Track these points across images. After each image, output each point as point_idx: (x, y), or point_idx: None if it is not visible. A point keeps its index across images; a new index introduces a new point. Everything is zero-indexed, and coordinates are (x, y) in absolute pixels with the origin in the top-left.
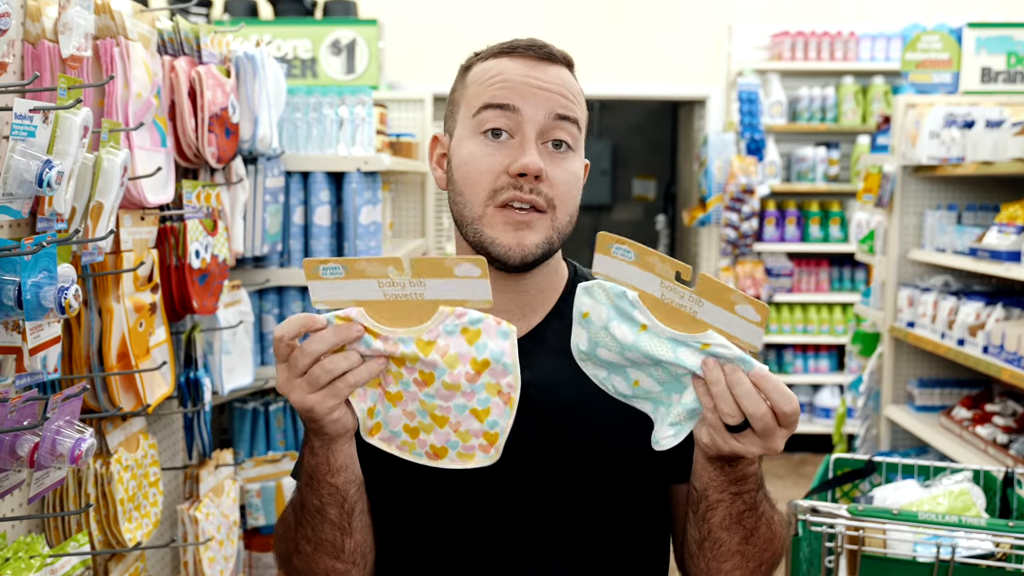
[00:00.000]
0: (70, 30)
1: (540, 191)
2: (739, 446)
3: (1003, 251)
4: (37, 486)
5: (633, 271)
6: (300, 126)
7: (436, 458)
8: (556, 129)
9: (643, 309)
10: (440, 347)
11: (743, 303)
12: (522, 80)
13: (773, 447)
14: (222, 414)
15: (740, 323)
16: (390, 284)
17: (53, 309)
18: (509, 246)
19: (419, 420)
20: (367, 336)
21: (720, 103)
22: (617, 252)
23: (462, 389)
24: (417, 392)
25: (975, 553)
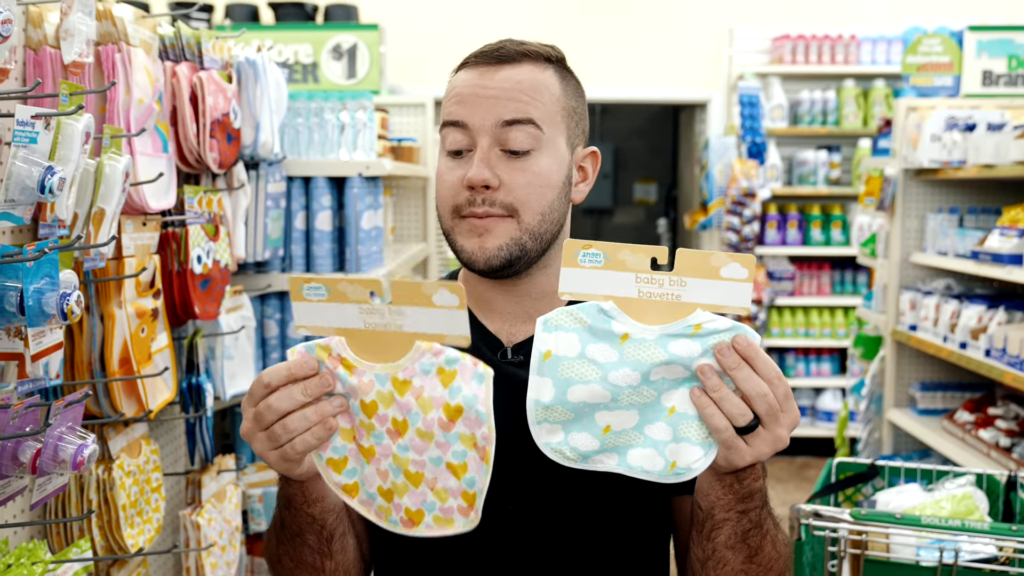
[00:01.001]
0: (72, 36)
1: (495, 200)
2: (751, 451)
3: (1005, 254)
4: (39, 492)
5: (605, 276)
6: (301, 131)
7: (411, 524)
8: (508, 134)
9: (622, 316)
10: (415, 388)
11: (727, 263)
12: (470, 92)
13: (780, 436)
14: (224, 419)
15: (727, 287)
16: (370, 312)
17: (55, 315)
18: (472, 251)
19: (392, 480)
20: (342, 371)
21: (721, 106)
22: (585, 260)
23: (435, 439)
24: (391, 445)
25: (978, 557)
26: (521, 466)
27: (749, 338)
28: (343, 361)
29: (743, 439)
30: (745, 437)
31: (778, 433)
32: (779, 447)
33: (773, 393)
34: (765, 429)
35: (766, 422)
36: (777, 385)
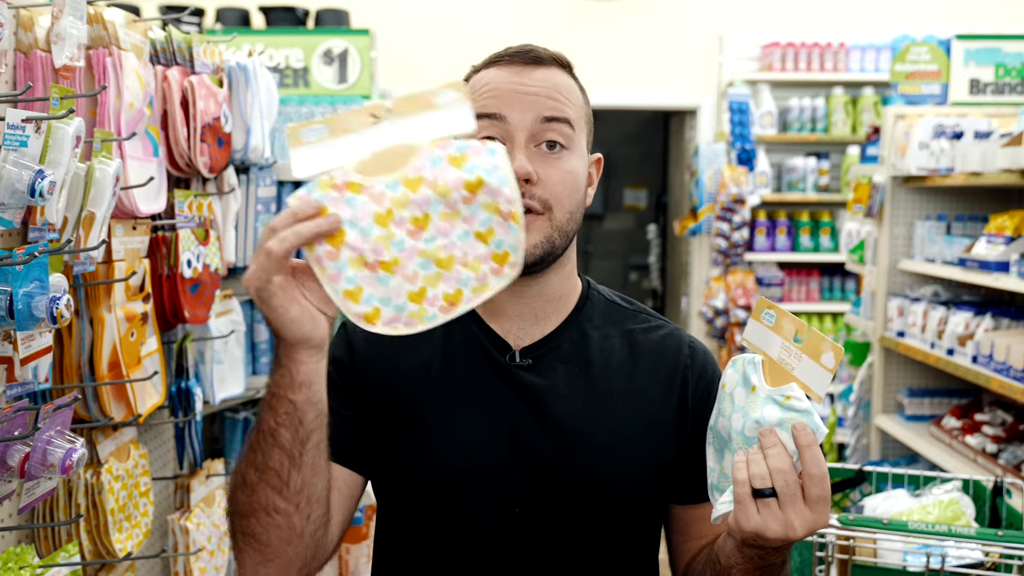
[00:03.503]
0: (63, 40)
1: (533, 194)
2: (758, 519)
3: (992, 261)
4: (28, 496)
5: (769, 335)
6: None
7: (452, 307)
8: (546, 131)
9: (760, 372)
10: (428, 180)
11: (827, 351)
12: (508, 87)
13: (792, 524)
14: (213, 424)
15: (818, 371)
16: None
17: (45, 319)
18: None
19: (423, 276)
20: (349, 194)
21: (711, 113)
22: (764, 318)
23: (461, 214)
24: (416, 244)
25: (965, 562)
26: (529, 469)
27: (809, 429)
28: (349, 185)
29: (755, 503)
30: (758, 502)
31: (790, 516)
32: (788, 533)
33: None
34: (779, 507)
35: (781, 500)
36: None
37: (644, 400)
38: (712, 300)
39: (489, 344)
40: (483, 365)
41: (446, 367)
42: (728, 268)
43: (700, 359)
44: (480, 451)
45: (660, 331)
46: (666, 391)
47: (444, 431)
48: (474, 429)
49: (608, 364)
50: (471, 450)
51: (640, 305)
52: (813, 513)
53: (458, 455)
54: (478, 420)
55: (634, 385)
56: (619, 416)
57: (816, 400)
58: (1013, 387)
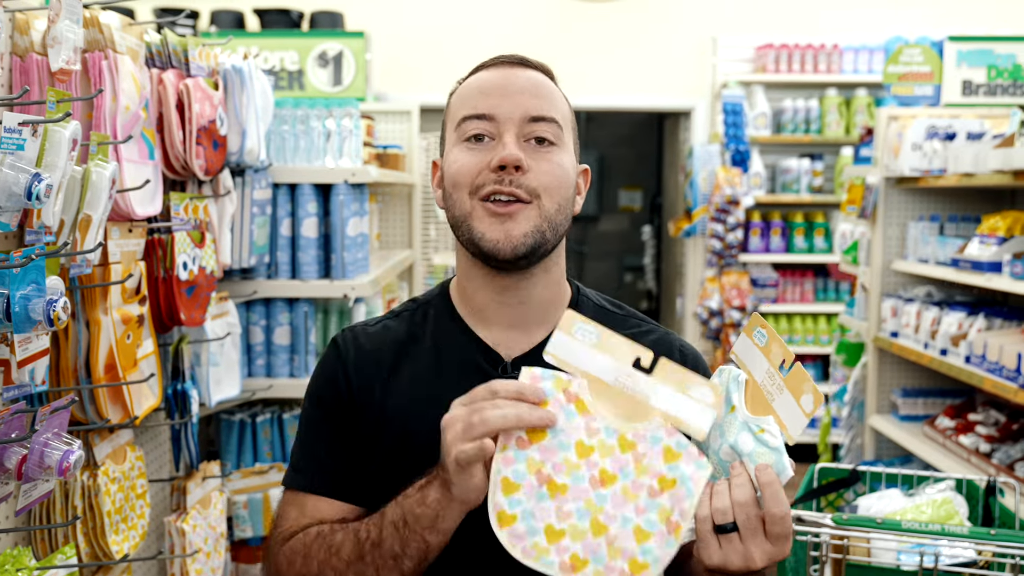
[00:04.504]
0: (59, 43)
1: (521, 183)
2: (720, 554)
3: (984, 262)
4: (24, 499)
5: (757, 355)
6: (287, 138)
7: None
8: (534, 127)
9: (741, 392)
10: (638, 452)
11: (807, 393)
12: (496, 86)
13: (752, 556)
14: (209, 426)
15: (796, 411)
16: (627, 374)
17: (41, 321)
18: (497, 239)
19: (572, 523)
20: (573, 408)
21: (705, 115)
22: (756, 336)
23: (636, 501)
24: (589, 490)
25: (958, 561)
26: None
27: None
28: (578, 402)
29: (717, 538)
30: (720, 537)
31: (750, 549)
32: (750, 565)
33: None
34: (741, 541)
35: (742, 534)
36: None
37: None
38: (707, 301)
39: (481, 356)
40: (475, 378)
41: (439, 380)
42: (723, 269)
43: (691, 363)
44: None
45: (651, 336)
46: None
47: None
48: None
49: None
50: None
51: (629, 309)
52: (774, 547)
53: None
54: None
55: None
56: None
57: (789, 441)
58: (1006, 387)
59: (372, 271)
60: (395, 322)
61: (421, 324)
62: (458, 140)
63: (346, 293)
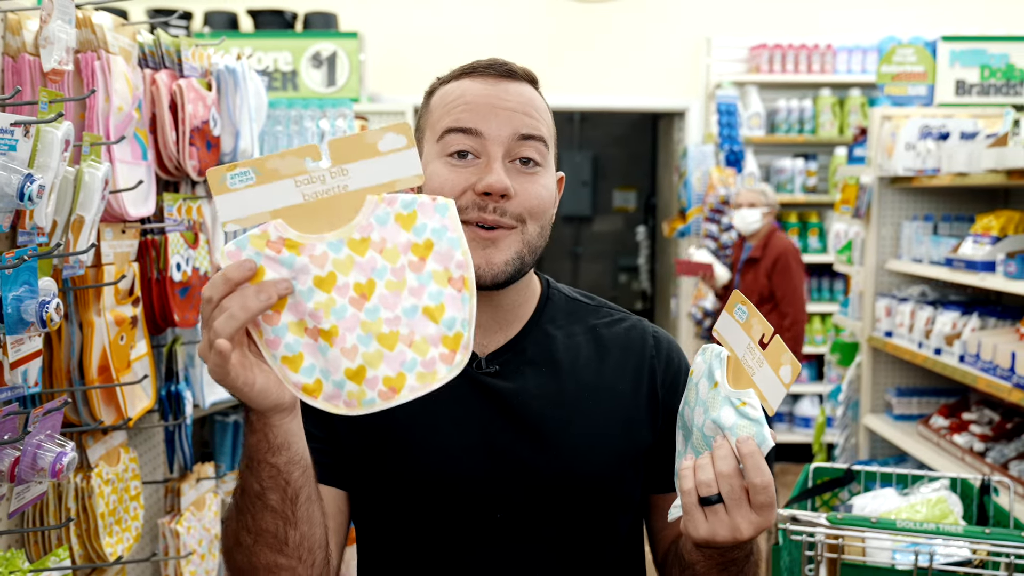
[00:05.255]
0: (51, 44)
1: (506, 210)
2: (706, 527)
3: (978, 261)
4: (17, 500)
5: (738, 331)
6: (281, 139)
7: (393, 393)
8: (522, 148)
9: (724, 368)
10: (375, 242)
11: (785, 365)
12: (484, 101)
13: (739, 527)
14: (203, 427)
15: (775, 382)
16: (308, 180)
17: (34, 323)
18: (479, 265)
19: (362, 352)
20: (287, 255)
21: (699, 115)
22: (737, 312)
23: (407, 285)
24: (357, 314)
25: (953, 560)
26: (505, 475)
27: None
28: (286, 243)
29: (703, 511)
30: (705, 510)
31: (737, 521)
32: (736, 536)
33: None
34: (727, 512)
35: (728, 505)
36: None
37: (614, 394)
38: (701, 301)
39: None
40: None
41: None
42: None
43: (665, 349)
44: (455, 461)
45: (623, 324)
46: (635, 384)
47: (416, 445)
48: (447, 440)
49: (575, 362)
50: (445, 462)
51: (601, 300)
52: (759, 517)
53: (432, 468)
54: (450, 431)
55: (603, 380)
56: (590, 412)
57: (769, 412)
58: (1000, 386)
59: None
60: None
61: None
62: (440, 153)
63: None
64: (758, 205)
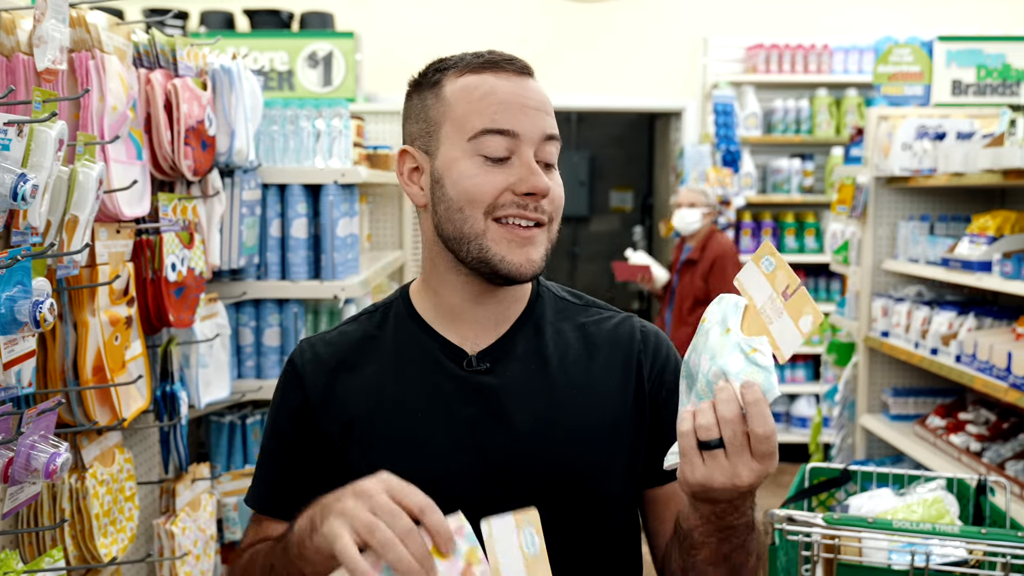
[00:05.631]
0: (45, 43)
1: (543, 208)
2: (704, 471)
3: (974, 261)
4: (11, 501)
5: (762, 282)
6: (277, 139)
7: None
8: (546, 147)
9: (739, 316)
10: None
11: (807, 315)
12: (516, 100)
13: (739, 474)
14: (199, 428)
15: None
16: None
17: (28, 323)
18: (520, 263)
19: None
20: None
21: (696, 115)
22: (764, 264)
23: None
24: None
25: (949, 560)
26: (495, 474)
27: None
28: None
29: (701, 455)
30: (704, 454)
31: (737, 467)
32: (736, 483)
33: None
34: (727, 458)
35: (728, 450)
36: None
37: (603, 391)
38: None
39: (443, 353)
40: (438, 375)
41: (400, 382)
42: None
43: (652, 342)
44: (443, 462)
45: (611, 321)
46: (623, 380)
47: (404, 447)
48: (434, 441)
49: (564, 359)
50: (434, 462)
51: (589, 298)
52: (761, 465)
53: (421, 469)
54: (438, 431)
55: (592, 377)
56: (580, 410)
57: (780, 359)
58: (996, 386)
59: (362, 272)
60: (353, 326)
61: (380, 326)
62: (473, 152)
63: (336, 294)
64: (698, 205)
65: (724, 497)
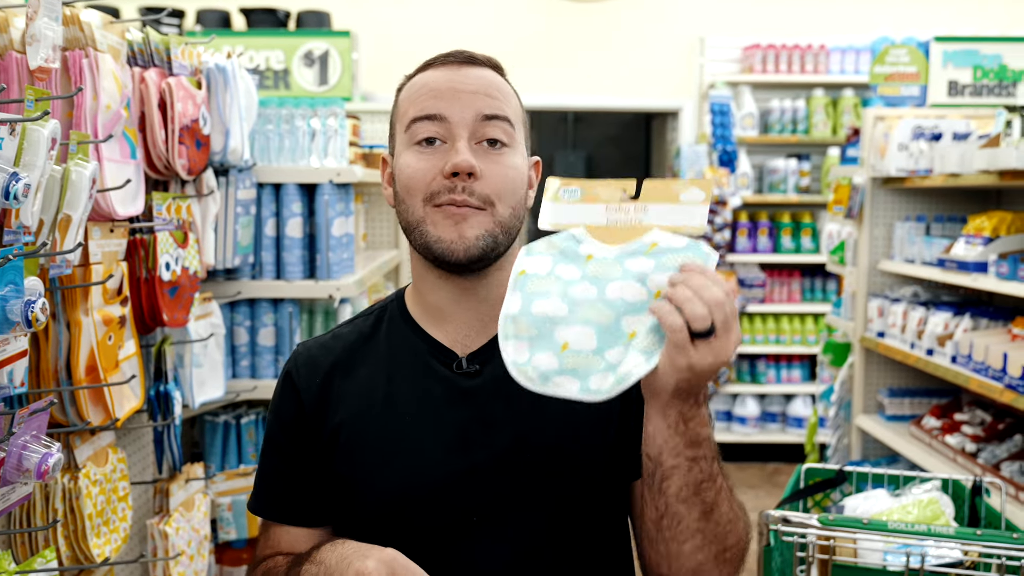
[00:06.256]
0: (38, 41)
1: (474, 190)
2: (696, 355)
3: (970, 262)
4: (3, 502)
5: (581, 209)
6: (272, 138)
7: None
8: (486, 128)
9: (589, 240)
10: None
11: (687, 188)
12: (447, 86)
13: (726, 347)
14: (193, 427)
15: (685, 210)
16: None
17: (20, 323)
18: (451, 239)
19: None
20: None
21: (692, 115)
22: (565, 195)
23: None
24: None
25: (944, 562)
26: (482, 477)
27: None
28: None
29: (694, 344)
30: (698, 343)
31: (726, 344)
32: (722, 359)
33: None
34: (717, 338)
35: (720, 330)
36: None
37: None
38: None
39: (433, 355)
40: (428, 377)
41: (390, 384)
42: None
43: None
44: (431, 464)
45: None
46: None
47: (393, 449)
48: (423, 443)
49: None
50: (422, 465)
51: None
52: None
53: (409, 471)
54: (427, 433)
55: None
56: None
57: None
58: (992, 387)
59: (358, 271)
60: (347, 328)
61: (374, 328)
62: (409, 143)
63: (331, 293)
64: None
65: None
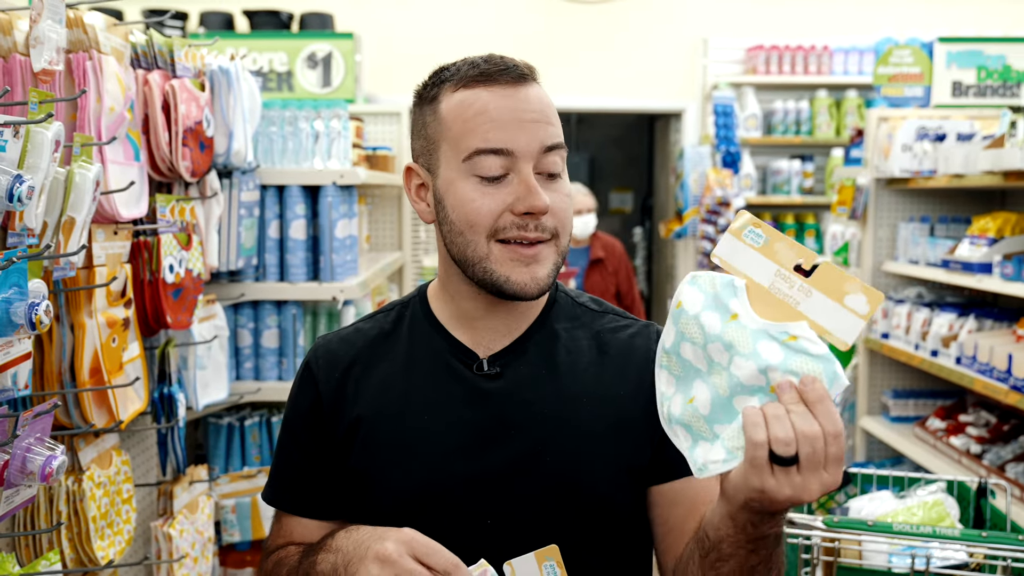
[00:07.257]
0: (42, 44)
1: (544, 226)
2: (772, 483)
3: (975, 263)
4: (7, 504)
5: (755, 257)
6: (275, 140)
7: None
8: (548, 159)
9: (743, 298)
10: None
11: (856, 293)
12: (510, 117)
13: (808, 488)
14: (196, 430)
15: (843, 315)
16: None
17: (24, 325)
18: (524, 283)
19: None
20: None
21: (696, 116)
22: (748, 236)
23: None
24: None
25: (949, 563)
26: (498, 480)
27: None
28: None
29: (770, 466)
30: (775, 467)
31: (809, 484)
32: (803, 497)
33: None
34: (799, 473)
35: (804, 466)
36: (831, 442)
37: (613, 400)
38: None
39: (454, 355)
40: (448, 378)
41: (409, 383)
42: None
43: None
44: (447, 465)
45: (628, 330)
46: (635, 390)
47: (409, 447)
48: (440, 443)
49: (575, 366)
50: (438, 465)
51: (609, 305)
52: (829, 475)
53: (425, 470)
54: (444, 434)
55: (602, 386)
56: (587, 418)
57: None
58: (996, 388)
59: (361, 273)
60: (369, 323)
61: (395, 325)
62: (468, 173)
63: (335, 295)
64: (592, 209)
65: (779, 508)
